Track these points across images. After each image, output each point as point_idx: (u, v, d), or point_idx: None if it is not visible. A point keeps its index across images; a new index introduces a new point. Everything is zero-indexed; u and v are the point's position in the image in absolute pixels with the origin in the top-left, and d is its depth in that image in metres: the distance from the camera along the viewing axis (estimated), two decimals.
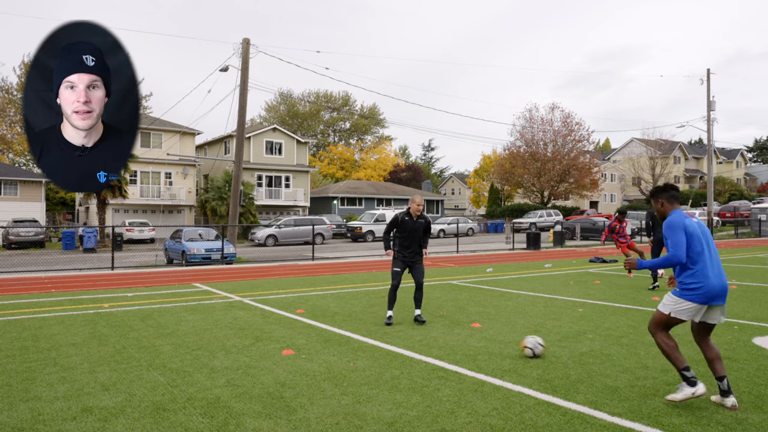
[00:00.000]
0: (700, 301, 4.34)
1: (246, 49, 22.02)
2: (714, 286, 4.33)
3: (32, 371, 5.50)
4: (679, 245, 4.40)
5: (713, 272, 4.36)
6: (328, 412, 4.31)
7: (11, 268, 17.97)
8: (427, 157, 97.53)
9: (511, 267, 16.81)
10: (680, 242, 4.41)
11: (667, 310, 4.49)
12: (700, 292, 4.34)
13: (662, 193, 4.77)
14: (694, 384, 4.29)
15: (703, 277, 4.34)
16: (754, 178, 77.29)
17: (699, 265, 4.37)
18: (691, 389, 4.28)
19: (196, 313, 8.78)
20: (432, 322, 7.92)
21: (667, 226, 4.53)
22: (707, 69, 36.81)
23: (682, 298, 4.42)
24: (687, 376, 4.33)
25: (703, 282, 4.33)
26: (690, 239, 4.44)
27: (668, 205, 4.73)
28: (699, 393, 4.26)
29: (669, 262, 4.43)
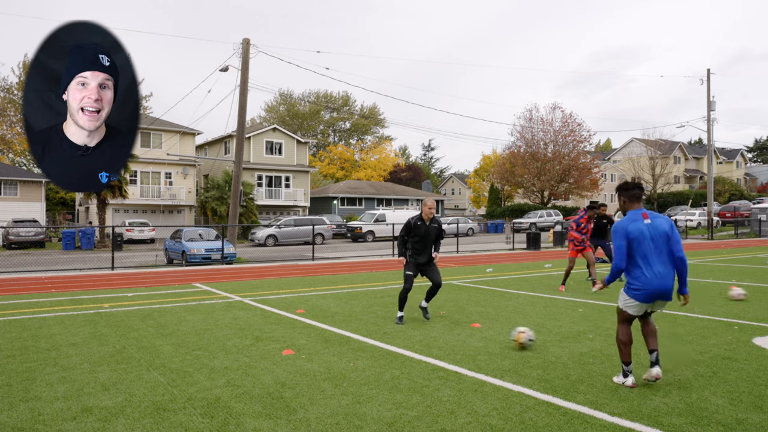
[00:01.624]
0: (642, 300, 4.72)
1: (246, 49, 22.02)
2: (651, 289, 4.65)
3: (32, 371, 5.50)
4: (619, 251, 4.71)
5: (656, 275, 4.65)
6: (328, 412, 4.31)
7: (11, 268, 17.97)
8: (427, 157, 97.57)
9: (511, 267, 16.81)
10: (620, 248, 4.71)
11: (619, 304, 4.94)
12: (641, 293, 4.70)
13: (625, 191, 4.92)
14: (626, 376, 4.86)
15: (644, 279, 4.66)
16: (754, 178, 77.28)
17: (641, 269, 4.68)
18: (623, 379, 4.87)
19: (197, 313, 8.78)
20: (432, 322, 7.93)
21: (613, 230, 4.83)
22: (707, 69, 36.83)
23: (628, 296, 4.79)
24: (624, 369, 4.88)
25: (644, 284, 4.66)
26: (633, 243, 4.69)
27: (629, 204, 4.90)
28: (628, 384, 4.81)
29: (614, 270, 4.78)
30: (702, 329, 7.22)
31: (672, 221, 4.90)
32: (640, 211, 4.81)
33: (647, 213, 4.81)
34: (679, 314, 8.33)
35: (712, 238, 32.99)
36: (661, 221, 4.78)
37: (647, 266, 4.67)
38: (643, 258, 4.67)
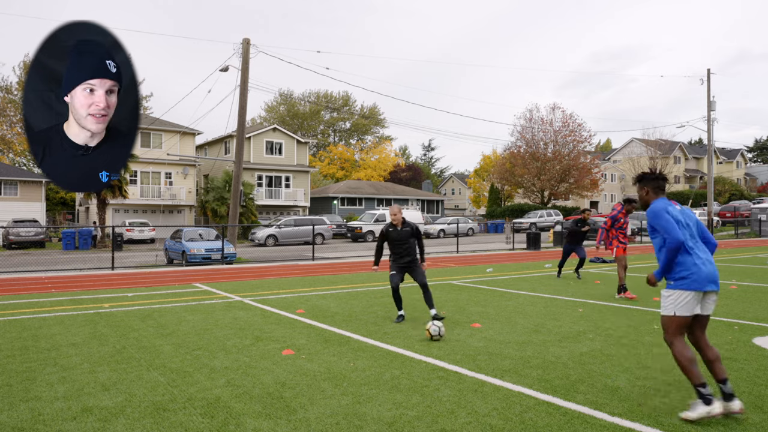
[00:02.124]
0: (695, 287, 4.13)
1: (246, 49, 22.02)
2: (703, 273, 4.16)
3: (32, 371, 5.50)
4: (671, 227, 4.20)
5: (701, 258, 4.21)
6: (328, 412, 4.31)
7: (11, 268, 17.97)
8: (427, 157, 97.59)
9: (511, 267, 16.81)
10: (670, 223, 4.22)
11: (670, 311, 4.23)
12: (692, 279, 4.14)
13: (650, 181, 4.54)
14: (710, 402, 4.00)
15: (690, 265, 4.17)
16: (754, 178, 77.28)
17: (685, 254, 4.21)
18: (707, 408, 3.99)
19: (197, 313, 8.78)
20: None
21: (652, 213, 4.36)
22: (707, 69, 36.83)
23: (679, 290, 4.19)
24: (703, 393, 4.03)
25: (693, 269, 4.16)
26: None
27: (653, 195, 4.53)
28: (715, 413, 3.98)
29: (670, 248, 4.18)
30: None
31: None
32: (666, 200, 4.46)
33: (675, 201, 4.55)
34: None
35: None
36: (688, 210, 4.51)
37: (694, 248, 4.23)
38: (686, 241, 4.23)
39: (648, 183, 4.53)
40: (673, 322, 4.19)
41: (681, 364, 4.14)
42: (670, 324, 4.21)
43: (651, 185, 4.52)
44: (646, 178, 4.55)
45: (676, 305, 4.18)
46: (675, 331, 4.20)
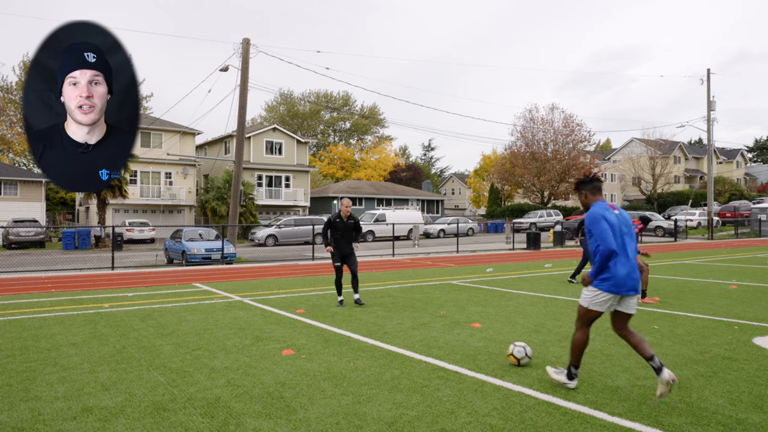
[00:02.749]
0: (612, 290, 4.50)
1: (246, 49, 22.02)
2: (621, 279, 4.48)
3: (32, 371, 5.50)
4: (605, 234, 4.49)
5: (623, 265, 4.49)
6: (328, 412, 4.31)
7: (11, 268, 17.97)
8: (427, 157, 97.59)
9: (511, 267, 16.81)
10: (605, 231, 4.50)
11: (585, 303, 4.69)
12: (611, 282, 4.50)
13: (586, 184, 4.84)
14: (571, 379, 4.76)
15: (615, 269, 4.48)
16: (754, 178, 77.27)
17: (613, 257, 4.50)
18: (566, 380, 4.77)
19: (197, 313, 8.78)
20: (432, 322, 7.93)
21: (589, 218, 4.62)
22: (707, 69, 36.84)
23: (597, 289, 4.59)
24: (572, 372, 4.76)
25: (616, 273, 4.48)
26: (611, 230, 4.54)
27: (591, 197, 4.81)
28: (570, 386, 4.74)
29: (601, 256, 4.49)
30: (702, 329, 7.22)
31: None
32: (606, 203, 4.75)
33: (613, 205, 4.75)
34: (678, 314, 8.33)
35: (712, 238, 33.00)
36: (626, 214, 4.78)
37: (620, 254, 4.53)
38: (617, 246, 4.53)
39: (585, 187, 4.84)
40: (585, 314, 4.70)
41: (574, 345, 4.76)
42: (583, 314, 4.73)
43: (588, 188, 4.83)
44: (583, 182, 4.87)
45: (591, 300, 4.64)
46: (585, 322, 4.74)
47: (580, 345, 4.74)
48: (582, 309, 4.72)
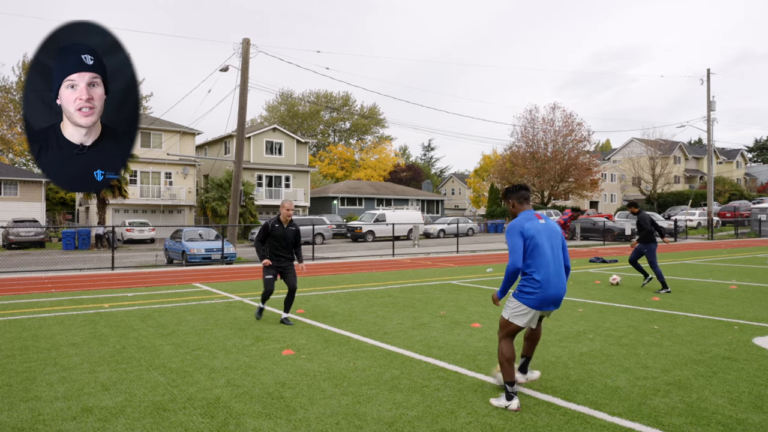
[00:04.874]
0: (532, 305, 4.43)
1: (246, 49, 22.02)
2: (548, 293, 4.39)
3: (32, 371, 5.50)
4: (515, 250, 4.40)
5: (550, 279, 4.39)
6: (328, 412, 4.31)
7: (11, 268, 17.97)
8: (427, 157, 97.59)
9: None
10: (516, 247, 4.41)
11: (506, 314, 4.58)
12: (534, 297, 4.41)
13: (513, 193, 4.73)
14: (510, 399, 4.37)
15: (537, 283, 4.39)
16: (754, 178, 77.27)
17: (535, 271, 4.40)
18: (506, 402, 4.37)
19: (197, 313, 8.78)
20: (432, 322, 7.93)
21: (507, 231, 4.55)
22: (707, 69, 36.84)
23: (520, 302, 4.49)
24: (508, 390, 4.39)
25: (538, 289, 4.39)
26: (529, 242, 4.42)
27: (518, 206, 4.70)
28: (513, 407, 4.32)
29: (508, 271, 4.41)
30: (702, 329, 7.22)
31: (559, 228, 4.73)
32: (532, 212, 4.61)
33: (540, 215, 4.61)
34: (678, 314, 8.33)
35: (712, 238, 33.00)
36: (554, 224, 4.63)
37: (546, 267, 4.40)
38: (541, 258, 4.40)
39: (511, 196, 4.73)
40: (507, 326, 4.57)
41: (501, 360, 4.52)
42: (504, 326, 4.59)
43: (514, 197, 4.71)
44: (509, 191, 4.76)
45: (512, 313, 4.52)
46: (506, 333, 4.57)
47: (507, 357, 4.47)
48: (503, 320, 4.59)
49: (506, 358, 4.47)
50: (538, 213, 4.63)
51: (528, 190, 4.74)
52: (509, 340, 4.55)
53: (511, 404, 4.34)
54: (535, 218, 4.53)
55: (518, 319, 4.49)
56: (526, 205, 4.68)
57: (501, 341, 4.58)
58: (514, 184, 4.81)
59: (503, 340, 4.57)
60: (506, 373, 4.43)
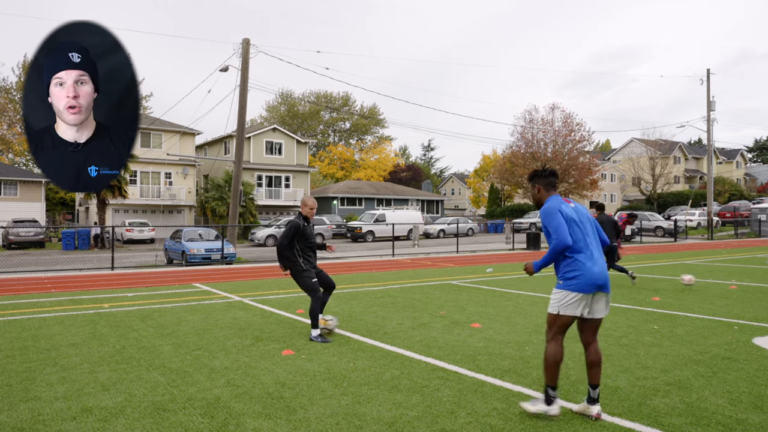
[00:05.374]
0: (581, 289, 4.09)
1: (246, 49, 22.02)
2: (593, 274, 4.10)
3: (32, 371, 5.50)
4: (560, 229, 4.14)
5: (593, 259, 4.15)
6: (328, 412, 4.31)
7: (11, 268, 17.97)
8: (427, 157, 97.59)
9: (511, 267, 16.81)
10: (561, 225, 4.15)
11: (554, 309, 4.21)
12: (581, 280, 4.09)
13: (541, 178, 4.47)
14: (550, 403, 4.13)
15: (581, 264, 4.11)
16: (754, 178, 77.28)
17: (576, 253, 4.15)
18: (546, 407, 4.13)
19: (196, 313, 8.78)
20: (432, 322, 7.93)
21: (544, 213, 4.29)
22: (707, 69, 36.84)
23: (566, 290, 4.15)
24: (549, 394, 4.14)
25: (583, 270, 4.10)
26: (568, 223, 4.20)
27: (544, 192, 4.47)
28: (553, 413, 4.11)
29: (555, 249, 4.14)
30: (702, 329, 7.22)
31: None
32: (559, 197, 4.42)
33: (568, 199, 4.45)
34: (678, 314, 8.33)
35: (712, 238, 33.00)
36: (582, 207, 4.46)
37: (585, 249, 4.17)
38: (580, 240, 4.18)
39: (539, 180, 4.47)
40: (556, 321, 4.20)
41: (547, 362, 4.20)
42: (553, 322, 4.22)
43: (542, 182, 4.47)
44: (538, 175, 4.48)
45: (561, 304, 4.17)
46: (557, 331, 4.22)
47: (555, 359, 4.17)
48: (551, 316, 4.22)
49: (555, 359, 4.17)
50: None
51: (556, 177, 4.51)
52: (559, 339, 4.21)
53: (551, 409, 4.09)
54: (565, 202, 4.35)
55: (569, 308, 4.13)
56: (553, 191, 4.46)
57: (549, 342, 4.23)
58: (543, 168, 4.53)
59: (552, 340, 4.22)
60: (550, 375, 4.17)
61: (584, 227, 4.27)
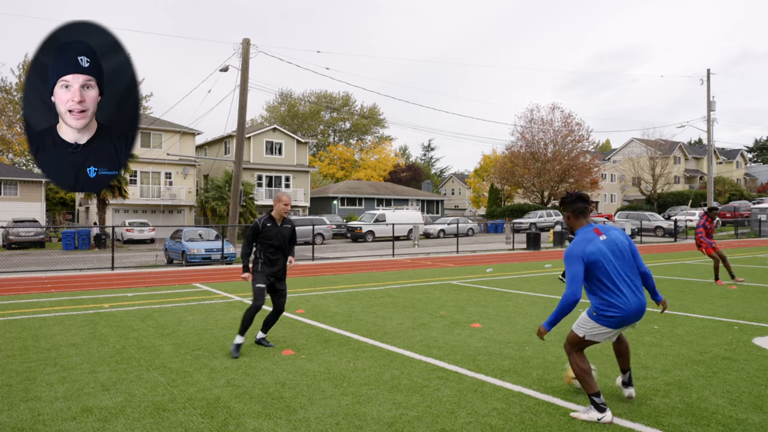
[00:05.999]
0: (615, 326, 4.12)
1: (246, 49, 22.02)
2: (630, 312, 4.06)
3: (32, 371, 5.50)
4: (575, 280, 4.02)
5: (629, 297, 4.06)
6: (328, 412, 4.31)
7: (11, 268, 17.97)
8: (427, 157, 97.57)
9: (511, 267, 16.81)
10: (577, 276, 4.02)
11: (581, 332, 4.21)
12: (616, 319, 4.08)
13: (568, 205, 4.26)
14: (603, 410, 4.05)
15: (620, 301, 4.05)
16: (754, 178, 77.27)
17: (613, 291, 4.06)
18: (599, 414, 4.04)
19: (196, 313, 8.78)
20: (432, 322, 7.93)
21: (566, 255, 4.12)
22: (707, 69, 36.86)
23: (599, 324, 4.13)
24: (597, 402, 4.06)
25: (618, 311, 4.06)
26: (596, 265, 4.05)
27: (574, 220, 4.26)
28: (605, 420, 4.00)
29: (565, 303, 4.03)
30: (702, 329, 7.21)
31: (624, 232, 4.34)
32: (591, 227, 4.20)
33: (599, 228, 4.21)
34: (678, 314, 8.33)
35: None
36: (616, 234, 4.23)
37: (622, 285, 4.07)
38: (614, 278, 4.06)
39: (567, 207, 4.28)
40: (580, 343, 4.23)
41: (577, 375, 4.20)
42: (575, 341, 4.24)
43: (570, 209, 4.27)
44: (564, 202, 4.32)
45: (591, 333, 4.19)
46: (577, 349, 4.25)
47: (582, 369, 4.17)
48: (576, 338, 4.24)
49: (583, 370, 4.15)
50: (596, 226, 4.23)
51: (586, 202, 4.26)
52: (581, 352, 4.23)
53: (605, 416, 4.00)
54: (595, 236, 4.14)
55: (597, 337, 4.18)
56: (583, 219, 4.24)
57: (573, 355, 4.21)
58: (570, 193, 4.31)
59: (576, 354, 4.20)
60: (589, 386, 4.10)
61: (620, 262, 4.12)
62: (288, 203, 6.36)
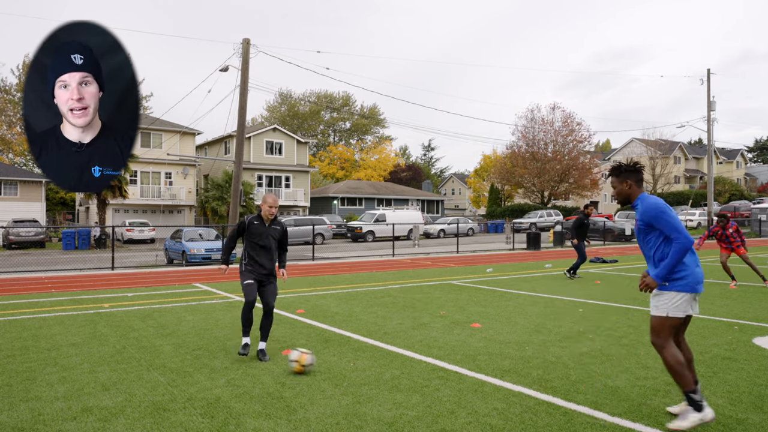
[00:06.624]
0: (689, 289, 3.95)
1: (246, 49, 22.02)
2: (694, 271, 3.98)
3: (32, 371, 5.50)
4: (679, 226, 3.90)
5: (696, 258, 4.02)
6: (328, 412, 4.31)
7: (11, 268, 17.97)
8: (427, 157, 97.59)
9: (511, 267, 16.81)
10: (680, 223, 3.92)
11: (663, 311, 4.00)
12: (689, 279, 3.94)
13: (632, 173, 4.21)
14: (701, 409, 3.80)
15: (686, 264, 3.96)
16: (754, 178, 77.27)
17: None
18: (699, 415, 3.80)
19: (197, 313, 8.78)
20: (432, 322, 7.93)
21: (656, 207, 4.00)
22: (707, 69, 36.84)
23: (674, 291, 3.96)
24: (695, 400, 3.80)
25: (687, 270, 3.95)
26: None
27: (635, 189, 4.21)
28: (708, 418, 3.79)
29: (682, 249, 3.85)
30: (702, 329, 7.21)
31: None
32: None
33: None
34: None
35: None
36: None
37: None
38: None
39: (631, 176, 4.21)
40: (666, 324, 3.99)
41: (673, 369, 3.94)
42: (662, 325, 4.00)
43: (634, 178, 4.21)
44: (629, 170, 4.22)
45: (669, 306, 3.98)
46: (667, 334, 4.00)
47: (678, 362, 3.91)
48: (658, 320, 4.01)
49: (678, 362, 3.89)
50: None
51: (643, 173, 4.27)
52: (671, 343, 3.99)
53: (706, 414, 3.79)
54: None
55: (678, 310, 3.95)
56: (641, 189, 4.22)
57: (664, 350, 3.97)
58: (631, 162, 4.25)
59: (666, 346, 3.97)
60: (684, 381, 3.88)
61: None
62: (273, 205, 6.05)
